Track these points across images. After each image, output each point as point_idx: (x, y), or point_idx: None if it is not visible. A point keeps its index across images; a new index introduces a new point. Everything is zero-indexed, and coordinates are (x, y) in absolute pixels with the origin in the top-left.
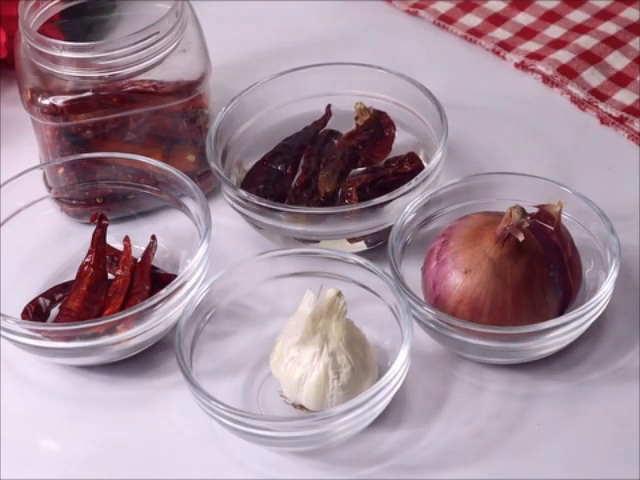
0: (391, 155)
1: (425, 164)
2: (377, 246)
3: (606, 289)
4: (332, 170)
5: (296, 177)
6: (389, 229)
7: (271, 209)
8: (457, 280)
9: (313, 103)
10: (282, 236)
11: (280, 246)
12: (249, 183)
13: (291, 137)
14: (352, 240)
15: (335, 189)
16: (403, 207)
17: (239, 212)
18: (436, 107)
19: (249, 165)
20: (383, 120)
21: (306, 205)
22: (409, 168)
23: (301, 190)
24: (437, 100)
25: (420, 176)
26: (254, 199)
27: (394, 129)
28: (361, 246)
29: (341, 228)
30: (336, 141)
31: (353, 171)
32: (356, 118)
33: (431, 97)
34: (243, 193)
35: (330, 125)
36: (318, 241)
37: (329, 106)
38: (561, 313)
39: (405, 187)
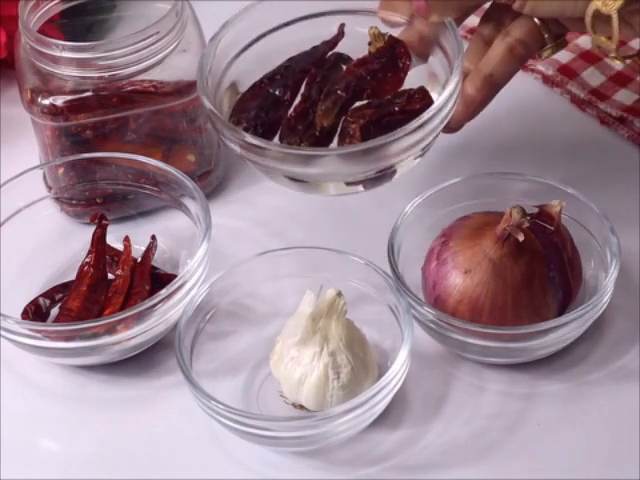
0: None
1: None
2: (375, 188)
3: (606, 289)
4: (333, 102)
5: (293, 106)
6: (392, 173)
7: (256, 146)
8: (457, 280)
9: (327, 22)
10: (269, 174)
11: (269, 180)
12: (241, 108)
13: (295, 57)
14: (350, 183)
15: (334, 124)
16: (408, 148)
17: (227, 146)
18: (454, 37)
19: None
20: (398, 49)
21: (299, 139)
22: (418, 105)
23: (296, 121)
24: (455, 28)
25: (429, 111)
26: (239, 135)
27: (409, 61)
28: (358, 189)
29: (337, 170)
30: (345, 67)
31: (356, 104)
32: (369, 44)
33: (451, 27)
34: (228, 126)
35: (342, 48)
36: (309, 182)
37: (342, 25)
38: (561, 313)
39: (412, 125)
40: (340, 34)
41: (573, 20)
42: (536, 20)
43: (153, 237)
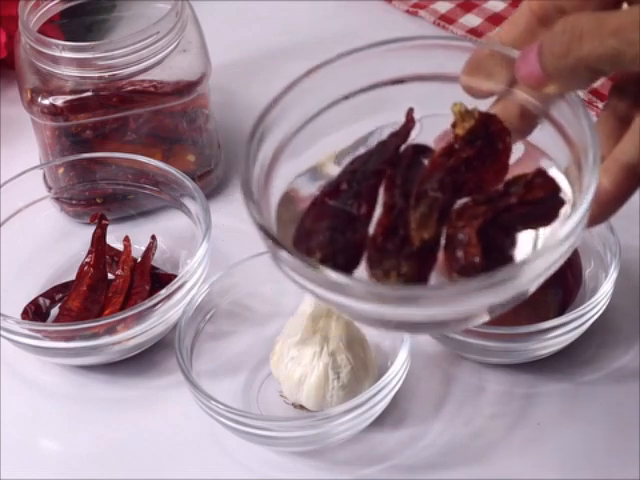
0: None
1: (563, 184)
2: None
3: (606, 289)
4: (428, 206)
5: (376, 219)
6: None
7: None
8: None
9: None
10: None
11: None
12: (305, 234)
13: (360, 158)
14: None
15: (436, 234)
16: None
17: (299, 285)
18: (581, 119)
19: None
20: (494, 127)
21: (395, 262)
22: (542, 193)
23: (384, 239)
24: (583, 106)
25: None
26: (322, 274)
27: (510, 139)
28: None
29: (458, 307)
30: (427, 161)
31: (458, 203)
32: (454, 126)
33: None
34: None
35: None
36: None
37: (411, 110)
38: (561, 313)
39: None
40: (410, 121)
41: None
42: None
43: (153, 237)
